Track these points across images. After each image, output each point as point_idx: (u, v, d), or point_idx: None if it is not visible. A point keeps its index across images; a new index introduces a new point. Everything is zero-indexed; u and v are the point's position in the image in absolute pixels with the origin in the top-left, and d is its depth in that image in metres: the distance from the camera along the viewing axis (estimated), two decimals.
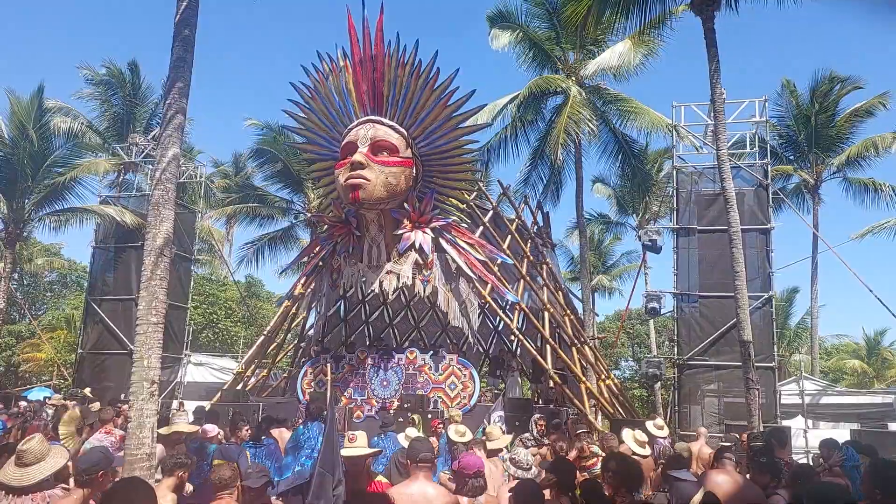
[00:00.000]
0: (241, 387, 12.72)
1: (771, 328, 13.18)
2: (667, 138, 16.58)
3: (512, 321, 12.31)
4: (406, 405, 10.48)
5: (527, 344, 12.41)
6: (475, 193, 12.44)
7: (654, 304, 14.23)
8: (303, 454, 6.24)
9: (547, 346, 12.11)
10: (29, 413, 10.08)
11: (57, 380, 23.14)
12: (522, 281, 12.38)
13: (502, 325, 14.57)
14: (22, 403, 10.98)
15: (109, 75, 19.96)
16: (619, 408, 12.80)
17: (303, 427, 6.66)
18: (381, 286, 10.88)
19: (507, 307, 12.70)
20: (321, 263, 11.90)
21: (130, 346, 11.73)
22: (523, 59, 18.80)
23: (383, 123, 10.20)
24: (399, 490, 3.82)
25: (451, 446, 6.13)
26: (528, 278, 12.51)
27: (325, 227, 11.95)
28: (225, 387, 13.02)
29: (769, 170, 13.99)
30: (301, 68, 10.68)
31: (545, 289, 13.15)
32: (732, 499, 3.79)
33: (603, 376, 13.63)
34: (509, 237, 12.63)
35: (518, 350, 14.66)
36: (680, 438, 11.95)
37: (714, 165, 12.62)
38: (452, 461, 4.13)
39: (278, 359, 15.06)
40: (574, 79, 17.98)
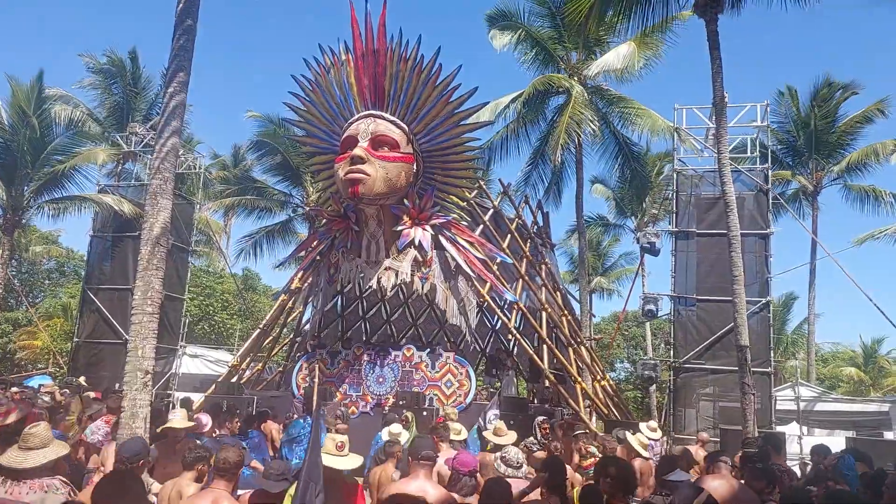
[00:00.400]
0: (235, 379, 12.69)
1: (768, 333, 13.14)
2: (667, 141, 16.58)
3: (510, 320, 12.29)
4: (401, 402, 10.44)
5: (524, 343, 12.42)
6: (476, 191, 12.39)
7: (651, 307, 14.19)
8: (301, 448, 6.24)
9: (544, 346, 12.11)
10: (28, 400, 9.99)
11: (53, 368, 23.08)
12: (521, 280, 12.37)
13: (500, 324, 14.57)
14: (14, 389, 10.88)
15: (110, 64, 19.93)
16: (614, 409, 12.80)
17: (302, 420, 6.66)
18: (379, 282, 10.82)
19: (506, 306, 12.70)
20: (319, 258, 11.85)
21: (126, 335, 11.67)
22: (525, 59, 18.79)
23: (384, 118, 10.12)
24: (399, 487, 3.80)
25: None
26: (526, 278, 12.50)
27: (324, 221, 11.88)
28: (219, 379, 12.99)
29: (769, 174, 13.97)
30: (303, 61, 10.61)
31: (543, 289, 13.13)
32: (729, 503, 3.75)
33: (598, 377, 13.65)
34: (509, 236, 12.60)
35: (515, 349, 14.66)
36: (674, 442, 11.99)
37: (714, 169, 12.58)
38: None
39: (274, 353, 15.03)
40: (577, 78, 17.92)
